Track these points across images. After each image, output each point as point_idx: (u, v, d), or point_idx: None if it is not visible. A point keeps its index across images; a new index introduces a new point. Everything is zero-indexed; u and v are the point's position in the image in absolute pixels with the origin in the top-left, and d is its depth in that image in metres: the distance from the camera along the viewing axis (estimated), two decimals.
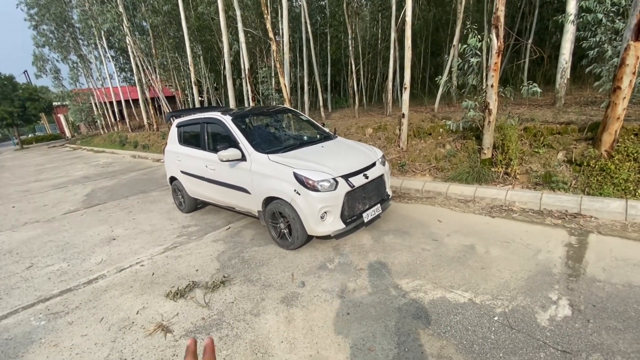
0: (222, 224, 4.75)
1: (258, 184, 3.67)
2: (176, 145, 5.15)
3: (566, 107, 6.62)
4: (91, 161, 14.18)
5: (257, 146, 3.83)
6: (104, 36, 18.41)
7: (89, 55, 22.71)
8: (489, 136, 5.12)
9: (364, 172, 3.61)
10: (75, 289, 3.31)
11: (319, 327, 2.34)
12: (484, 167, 5.10)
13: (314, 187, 3.23)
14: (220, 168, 4.16)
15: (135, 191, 7.41)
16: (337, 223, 3.35)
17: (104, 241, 4.55)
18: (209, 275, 3.29)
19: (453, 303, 2.43)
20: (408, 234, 3.67)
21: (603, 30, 6.49)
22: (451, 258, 3.07)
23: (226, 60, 10.51)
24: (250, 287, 2.96)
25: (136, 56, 15.44)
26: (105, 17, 13.90)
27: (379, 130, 7.35)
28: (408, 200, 4.82)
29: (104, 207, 6.31)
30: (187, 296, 2.93)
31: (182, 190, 5.23)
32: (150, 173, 9.62)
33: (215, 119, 4.27)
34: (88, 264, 3.87)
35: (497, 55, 4.80)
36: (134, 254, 4.01)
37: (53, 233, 5.11)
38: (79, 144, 23.92)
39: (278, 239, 3.70)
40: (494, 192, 4.36)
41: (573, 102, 7.19)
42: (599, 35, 6.45)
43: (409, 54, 6.16)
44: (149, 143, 15.03)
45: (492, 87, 4.88)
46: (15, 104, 25.76)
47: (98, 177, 9.92)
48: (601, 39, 6.42)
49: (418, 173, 5.82)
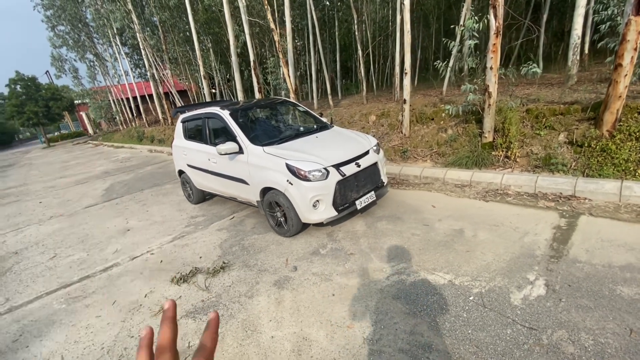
0: (227, 214, 4.99)
1: (255, 175, 3.85)
2: (182, 140, 5.39)
3: (578, 85, 6.39)
4: (111, 156, 14.83)
5: (253, 139, 3.99)
6: (117, 34, 18.87)
7: (104, 54, 23.39)
8: (490, 119, 5.07)
9: (356, 161, 3.71)
10: (93, 276, 3.64)
11: (305, 308, 2.53)
12: (484, 151, 5.07)
13: (306, 177, 3.37)
14: (221, 161, 4.36)
15: (150, 184, 7.78)
16: (330, 211, 3.49)
17: (120, 232, 4.90)
18: (211, 261, 3.53)
19: (433, 284, 2.55)
20: (401, 220, 3.77)
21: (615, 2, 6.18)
22: (438, 242, 3.16)
23: (232, 52, 10.64)
24: (247, 272, 3.18)
25: (148, 52, 15.81)
26: (115, 16, 14.24)
27: (382, 117, 7.35)
28: (406, 187, 4.89)
29: (121, 201, 6.71)
30: (189, 281, 3.19)
31: (190, 183, 5.50)
32: (164, 167, 10.02)
33: (214, 114, 4.45)
34: (105, 254, 4.21)
35: (496, 36, 4.70)
36: (145, 244, 4.32)
37: (75, 226, 5.53)
38: (100, 140, 24.92)
39: (276, 227, 3.89)
40: (490, 177, 4.37)
41: (588, 79, 6.91)
42: (611, 8, 6.15)
43: (408, 39, 6.08)
44: (164, 137, 15.52)
45: (492, 69, 4.80)
46: (39, 104, 26.98)
47: (117, 171, 10.43)
48: (613, 12, 6.13)
49: (419, 159, 5.85)
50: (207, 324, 0.47)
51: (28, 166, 16.77)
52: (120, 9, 13.79)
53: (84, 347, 2.47)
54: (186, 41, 17.40)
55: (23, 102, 26.45)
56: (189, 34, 16.73)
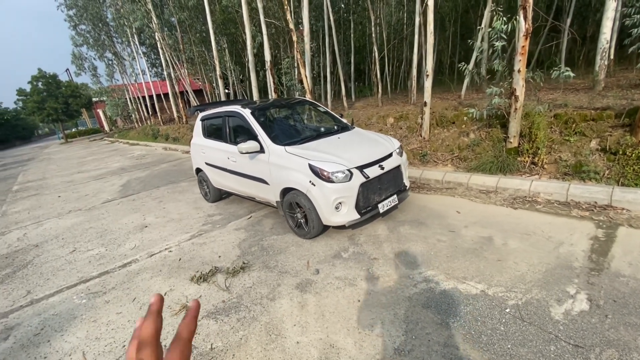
0: (244, 213, 4.95)
1: (276, 175, 3.79)
2: (201, 138, 5.38)
3: (606, 91, 6.15)
4: (127, 153, 15.04)
5: (274, 138, 3.94)
6: (135, 33, 19.22)
7: (123, 53, 23.88)
8: (516, 124, 4.91)
9: (379, 163, 3.61)
10: (112, 272, 3.63)
11: (330, 313, 2.44)
12: (509, 157, 4.91)
13: (329, 178, 3.30)
14: (240, 160, 4.32)
15: (166, 182, 7.82)
16: (352, 213, 3.40)
17: (137, 228, 4.90)
18: (230, 261, 3.48)
19: (465, 294, 2.44)
20: (424, 225, 3.65)
21: None
22: (467, 249, 3.04)
23: (249, 52, 10.68)
24: (267, 273, 3.11)
25: (165, 51, 16.04)
26: (135, 15, 14.49)
27: (401, 119, 7.23)
28: (427, 191, 4.76)
29: (138, 197, 6.75)
30: (209, 280, 3.14)
31: (207, 181, 5.48)
32: (179, 165, 10.09)
33: (235, 112, 4.42)
34: (123, 249, 4.21)
35: (525, 38, 4.55)
36: (163, 241, 4.30)
37: (93, 220, 5.57)
38: (116, 137, 25.39)
39: (295, 228, 3.82)
40: (517, 183, 4.21)
41: (615, 85, 6.66)
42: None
43: (432, 40, 5.96)
44: (178, 136, 15.68)
45: (519, 72, 4.66)
46: (59, 101, 27.71)
47: (133, 168, 10.55)
48: None
49: (440, 163, 5.71)
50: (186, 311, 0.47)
51: (47, 161, 17.17)
52: (140, 9, 14.01)
53: (105, 345, 2.43)
54: (202, 41, 17.59)
55: (44, 98, 27.19)
56: (205, 35, 16.93)
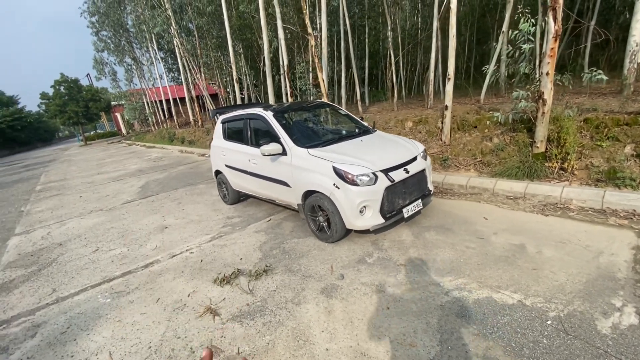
0: (263, 215, 4.92)
1: (298, 178, 3.75)
2: (221, 141, 5.41)
3: (635, 95, 5.92)
4: (144, 156, 15.33)
5: (297, 141, 3.91)
6: (154, 39, 19.69)
7: (142, 58, 24.49)
8: (543, 128, 4.76)
9: (404, 167, 3.54)
10: (135, 272, 3.64)
11: (358, 320, 2.36)
12: (536, 162, 4.75)
13: (353, 181, 3.24)
14: (262, 162, 4.30)
15: (184, 184, 7.90)
16: (377, 218, 3.33)
17: (158, 229, 4.93)
18: (252, 264, 3.44)
19: (500, 304, 2.32)
20: (451, 231, 3.54)
21: None
22: (498, 257, 2.92)
23: (266, 57, 10.76)
24: (291, 277, 3.06)
25: (183, 57, 16.35)
26: (156, 21, 14.85)
27: (420, 123, 7.12)
28: (451, 196, 4.64)
29: (157, 198, 6.82)
30: (232, 283, 3.10)
31: (227, 183, 5.49)
32: (196, 167, 10.20)
33: (257, 115, 4.42)
34: (145, 250, 4.23)
35: (554, 40, 4.42)
36: (184, 242, 4.31)
37: (114, 221, 5.64)
38: (133, 140, 25.97)
39: (317, 232, 3.77)
40: (547, 189, 4.06)
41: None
42: None
43: (454, 43, 5.87)
44: (194, 139, 15.90)
45: (548, 75, 4.52)
46: (80, 104, 28.57)
47: (151, 170, 10.72)
48: None
49: (462, 168, 5.57)
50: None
51: (67, 162, 17.65)
52: (161, 15, 14.36)
53: (131, 345, 2.42)
54: (219, 47, 17.86)
55: (65, 102, 28.08)
56: (222, 40, 17.21)
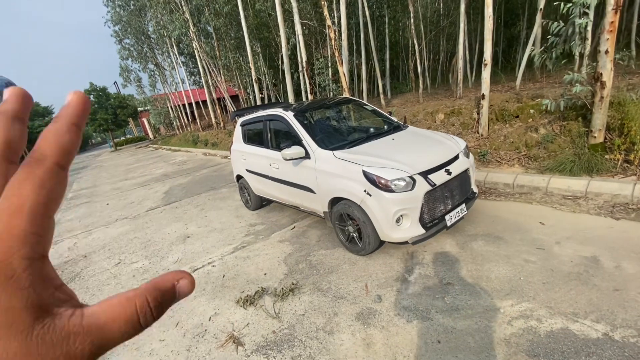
0: (287, 222, 4.63)
1: (323, 184, 3.41)
2: (241, 144, 5.16)
3: None
4: (169, 160, 15.56)
5: (320, 142, 3.56)
6: (174, 43, 19.97)
7: (164, 63, 24.99)
8: (602, 115, 4.13)
9: (445, 167, 3.10)
10: None
11: (404, 357, 1.99)
12: (594, 155, 4.14)
13: (387, 187, 2.85)
14: (283, 166, 4.00)
15: (207, 188, 7.78)
16: (416, 228, 2.92)
17: (180, 239, 4.77)
18: (277, 280, 3.15)
19: (581, 338, 1.88)
20: (503, 240, 3.07)
21: None
22: (567, 274, 2.44)
23: (284, 54, 10.47)
24: (320, 298, 2.73)
25: (202, 59, 16.42)
26: (174, 25, 14.95)
27: (452, 115, 6.57)
28: (496, 197, 4.13)
29: (180, 205, 6.72)
30: (256, 304, 2.82)
31: (248, 189, 5.25)
32: (219, 170, 10.11)
33: (277, 116, 4.11)
34: (166, 263, 4.05)
35: (614, 12, 3.79)
36: (206, 253, 4.10)
37: (138, 230, 5.56)
38: (159, 144, 26.66)
39: (347, 243, 3.41)
40: (615, 187, 3.47)
41: None
42: None
43: (490, 24, 5.29)
44: (217, 141, 15.97)
45: (607, 53, 3.89)
46: (109, 112, 29.70)
47: (175, 174, 10.76)
48: None
49: (504, 163, 5.01)
50: None
51: (98, 168, 18.31)
52: (179, 18, 14.43)
53: None
54: (237, 47, 17.82)
55: (95, 110, 29.25)
56: (239, 40, 17.13)
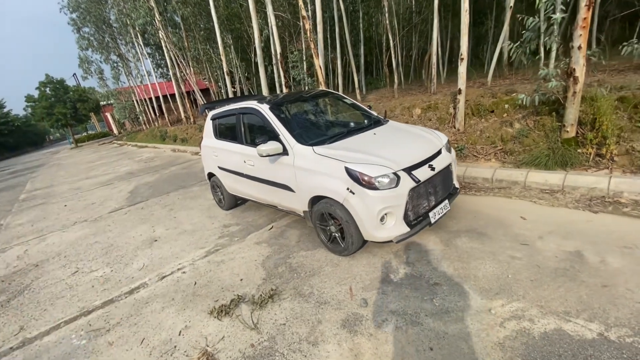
0: (264, 222, 4.39)
1: (303, 181, 3.20)
2: (212, 140, 4.83)
3: None
4: (135, 156, 14.67)
5: (299, 137, 3.34)
6: (139, 33, 18.79)
7: (128, 54, 23.52)
8: (574, 110, 4.21)
9: (429, 163, 2.99)
10: (117, 300, 3.11)
11: None
12: (567, 149, 4.22)
13: (371, 185, 2.69)
14: (259, 163, 3.74)
15: (176, 186, 7.33)
16: (400, 226, 2.79)
17: (146, 243, 4.39)
18: (254, 286, 2.92)
19: (577, 339, 1.82)
20: (486, 236, 3.02)
21: None
22: (554, 270, 2.41)
23: (257, 46, 10.09)
24: (302, 305, 2.54)
25: (170, 50, 15.54)
26: (138, 13, 14.02)
27: (429, 110, 6.56)
28: (476, 192, 4.11)
29: (146, 205, 6.26)
30: (232, 314, 2.58)
31: (221, 187, 4.94)
32: (189, 167, 9.61)
33: (251, 109, 3.84)
34: (130, 270, 3.69)
35: (587, 9, 3.85)
36: (175, 258, 3.77)
37: (99, 233, 5.08)
38: (124, 140, 25.19)
39: (328, 244, 3.23)
40: (590, 180, 3.53)
41: None
42: None
43: (466, 19, 5.27)
44: (187, 136, 15.25)
45: (580, 49, 3.96)
46: (67, 106, 27.63)
47: (141, 172, 10.11)
48: None
49: (481, 157, 5.04)
50: None
51: (56, 166, 16.95)
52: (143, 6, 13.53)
53: None
54: (207, 39, 17.05)
55: (52, 104, 27.14)
56: (210, 32, 16.39)
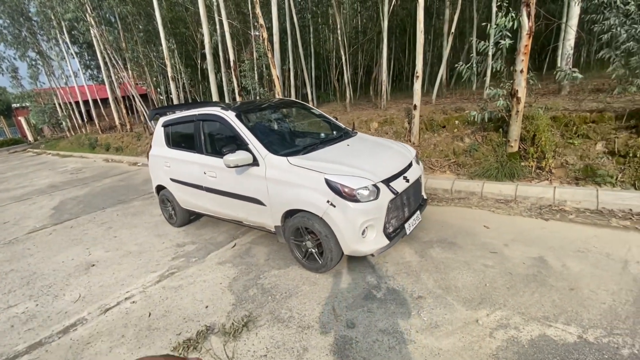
0: (225, 239, 4.03)
1: (276, 194, 2.99)
2: (163, 149, 4.35)
3: (573, 95, 6.29)
4: (58, 167, 12.82)
5: (270, 147, 3.14)
6: (65, 29, 16.74)
7: (50, 52, 20.77)
8: (517, 127, 4.67)
9: (403, 175, 3.01)
10: (48, 342, 2.52)
11: None
12: (512, 162, 4.64)
13: (353, 197, 2.60)
14: (223, 175, 3.43)
15: (113, 201, 6.48)
16: (381, 239, 2.73)
17: (81, 268, 3.72)
18: (223, 313, 2.59)
19: (561, 344, 1.89)
20: (457, 246, 3.11)
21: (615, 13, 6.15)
22: (525, 276, 2.53)
23: (207, 52, 9.64)
24: (283, 331, 2.30)
25: (103, 50, 14.06)
26: (67, 7, 12.50)
27: (385, 124, 6.79)
28: (438, 203, 4.27)
29: (77, 223, 5.39)
30: (201, 348, 2.23)
31: (173, 202, 4.45)
32: (127, 179, 8.62)
33: (214, 116, 3.53)
34: (62, 303, 3.06)
35: (528, 37, 4.33)
36: (120, 286, 3.24)
37: (15, 260, 4.20)
38: (43, 148, 22.00)
39: (304, 260, 3.04)
40: (539, 190, 3.89)
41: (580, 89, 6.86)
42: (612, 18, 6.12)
43: (422, 39, 5.61)
44: (122, 145, 13.82)
45: (522, 72, 4.42)
46: None
47: (67, 185, 8.80)
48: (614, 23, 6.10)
49: (437, 169, 5.31)
50: None
51: None
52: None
53: None
54: (147, 42, 15.84)
55: None
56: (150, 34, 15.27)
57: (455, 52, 12.70)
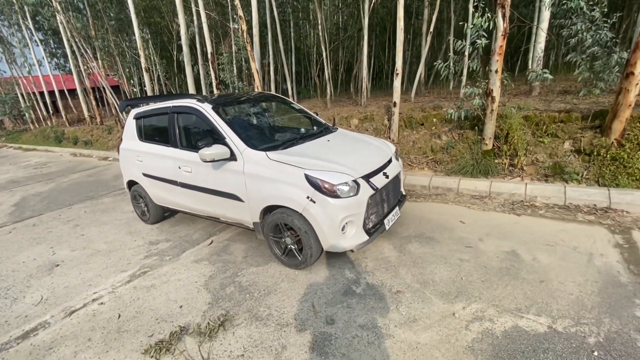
0: (201, 236, 3.91)
1: (255, 190, 2.92)
2: (135, 142, 4.15)
3: (543, 96, 6.57)
4: (20, 161, 12.04)
5: (249, 141, 3.05)
6: (29, 15, 15.65)
7: (11, 38, 19.37)
8: (491, 126, 4.80)
9: (383, 171, 3.02)
10: (4, 349, 2.34)
11: None
12: (487, 159, 4.78)
13: (333, 193, 2.57)
14: (198, 170, 3.32)
15: (81, 197, 6.14)
16: (360, 235, 2.73)
17: (43, 269, 3.49)
18: (199, 313, 2.50)
19: (533, 334, 1.95)
20: (434, 240, 3.16)
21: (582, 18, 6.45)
22: (499, 270, 2.61)
23: (183, 43, 9.30)
24: (261, 329, 2.25)
25: (70, 38, 13.25)
26: None
27: (365, 120, 6.81)
28: (416, 199, 4.34)
29: (40, 220, 5.06)
30: (174, 350, 2.14)
31: (146, 197, 4.26)
32: (97, 174, 8.20)
33: (189, 108, 3.40)
34: (21, 306, 2.86)
35: (503, 38, 4.46)
36: (87, 286, 3.06)
37: None
38: (3, 141, 20.57)
39: (283, 257, 2.99)
40: (511, 187, 4.03)
41: (550, 90, 7.18)
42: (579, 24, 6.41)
43: (401, 37, 5.65)
44: (91, 139, 13.14)
45: (497, 72, 4.55)
46: None
47: (30, 180, 8.26)
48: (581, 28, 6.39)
49: (415, 166, 5.39)
50: None
51: None
52: None
53: None
54: (119, 30, 15.10)
55: None
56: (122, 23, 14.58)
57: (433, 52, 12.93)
